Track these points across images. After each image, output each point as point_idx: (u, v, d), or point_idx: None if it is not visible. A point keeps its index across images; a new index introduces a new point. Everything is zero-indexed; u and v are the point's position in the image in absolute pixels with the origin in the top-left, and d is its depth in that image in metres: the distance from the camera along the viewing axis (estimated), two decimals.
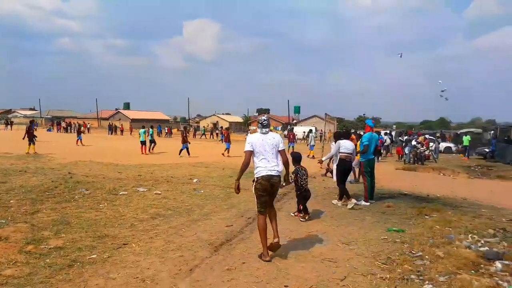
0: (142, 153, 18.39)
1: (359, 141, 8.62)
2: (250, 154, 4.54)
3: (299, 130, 45.80)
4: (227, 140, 19.70)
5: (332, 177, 11.87)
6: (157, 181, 9.79)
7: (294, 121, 65.13)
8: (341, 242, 5.17)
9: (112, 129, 46.45)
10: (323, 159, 8.18)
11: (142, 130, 19.36)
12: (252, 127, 72.25)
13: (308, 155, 18.51)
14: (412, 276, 3.91)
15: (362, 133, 11.39)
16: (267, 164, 4.49)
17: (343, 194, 7.57)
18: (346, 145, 7.64)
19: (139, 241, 4.90)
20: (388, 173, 13.94)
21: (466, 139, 26.10)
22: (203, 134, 46.53)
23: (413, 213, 6.97)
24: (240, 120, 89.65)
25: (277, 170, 4.51)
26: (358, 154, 8.11)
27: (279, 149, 4.60)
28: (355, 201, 7.46)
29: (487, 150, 24.98)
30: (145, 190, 8.36)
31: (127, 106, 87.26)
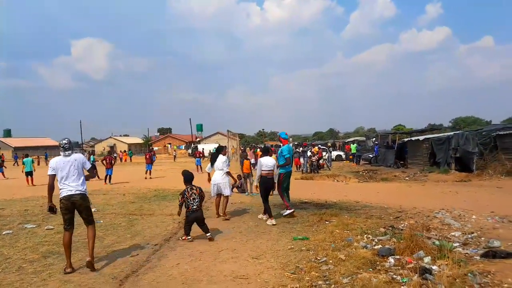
0: (29, 185, 16.44)
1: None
2: (53, 177, 4.88)
3: (206, 148, 45.74)
4: (149, 161, 19.57)
5: (240, 192, 12.04)
6: (48, 214, 8.77)
7: (198, 139, 64.69)
8: (251, 257, 5.22)
9: None
10: (255, 183, 8.11)
11: (27, 159, 17.32)
12: (155, 147, 69.79)
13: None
14: (320, 282, 4.11)
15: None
16: (68, 186, 4.84)
17: (267, 211, 7.58)
18: (266, 163, 7.71)
19: (29, 286, 4.31)
20: None
21: (353, 147, 28.83)
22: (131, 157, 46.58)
23: (314, 220, 7.38)
24: (141, 141, 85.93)
25: (79, 190, 4.87)
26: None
27: (86, 168, 5.05)
28: (274, 221, 7.33)
29: (371, 155, 27.90)
30: (34, 226, 7.46)
31: (7, 133, 77.27)
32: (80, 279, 4.51)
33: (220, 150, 8.31)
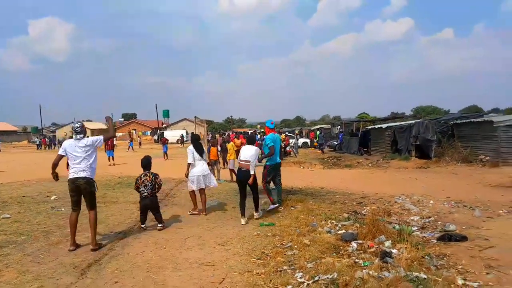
0: None
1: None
2: (60, 157, 5.09)
3: (170, 135, 44.96)
4: (111, 148, 19.12)
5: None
6: (5, 202, 8.39)
7: (164, 125, 63.35)
8: (218, 243, 5.22)
9: None
10: (229, 167, 7.68)
11: None
12: (118, 134, 67.88)
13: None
14: (285, 267, 4.18)
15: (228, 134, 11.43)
16: (75, 168, 5.01)
17: (239, 206, 6.65)
18: (244, 153, 6.71)
19: None
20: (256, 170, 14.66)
21: (317, 134, 29.38)
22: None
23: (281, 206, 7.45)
24: (104, 126, 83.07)
25: (83, 174, 5.02)
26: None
27: (100, 146, 5.26)
28: (244, 221, 6.38)
29: (336, 143, 28.50)
30: None
31: None
32: (39, 269, 4.35)
33: (198, 138, 7.66)
